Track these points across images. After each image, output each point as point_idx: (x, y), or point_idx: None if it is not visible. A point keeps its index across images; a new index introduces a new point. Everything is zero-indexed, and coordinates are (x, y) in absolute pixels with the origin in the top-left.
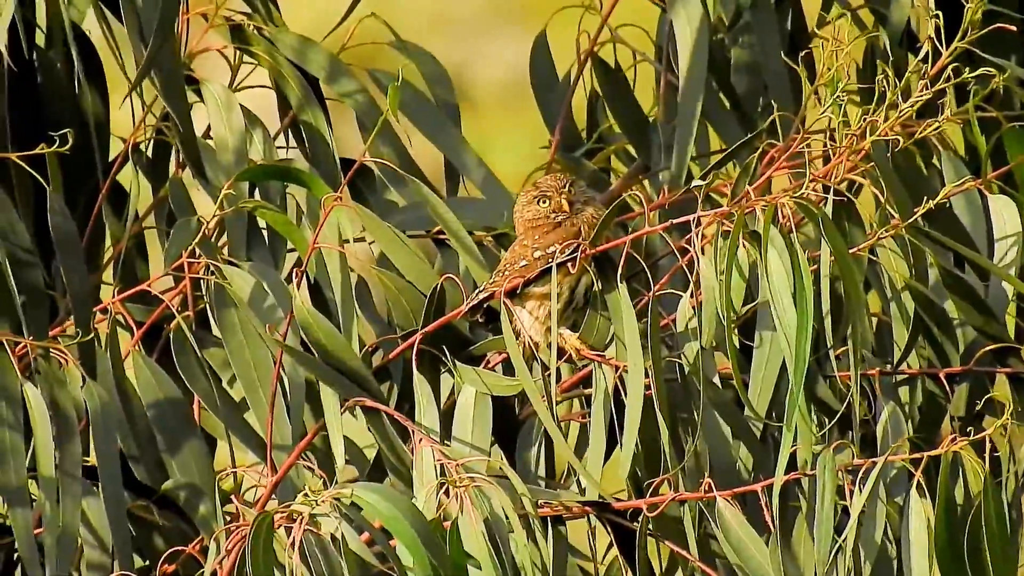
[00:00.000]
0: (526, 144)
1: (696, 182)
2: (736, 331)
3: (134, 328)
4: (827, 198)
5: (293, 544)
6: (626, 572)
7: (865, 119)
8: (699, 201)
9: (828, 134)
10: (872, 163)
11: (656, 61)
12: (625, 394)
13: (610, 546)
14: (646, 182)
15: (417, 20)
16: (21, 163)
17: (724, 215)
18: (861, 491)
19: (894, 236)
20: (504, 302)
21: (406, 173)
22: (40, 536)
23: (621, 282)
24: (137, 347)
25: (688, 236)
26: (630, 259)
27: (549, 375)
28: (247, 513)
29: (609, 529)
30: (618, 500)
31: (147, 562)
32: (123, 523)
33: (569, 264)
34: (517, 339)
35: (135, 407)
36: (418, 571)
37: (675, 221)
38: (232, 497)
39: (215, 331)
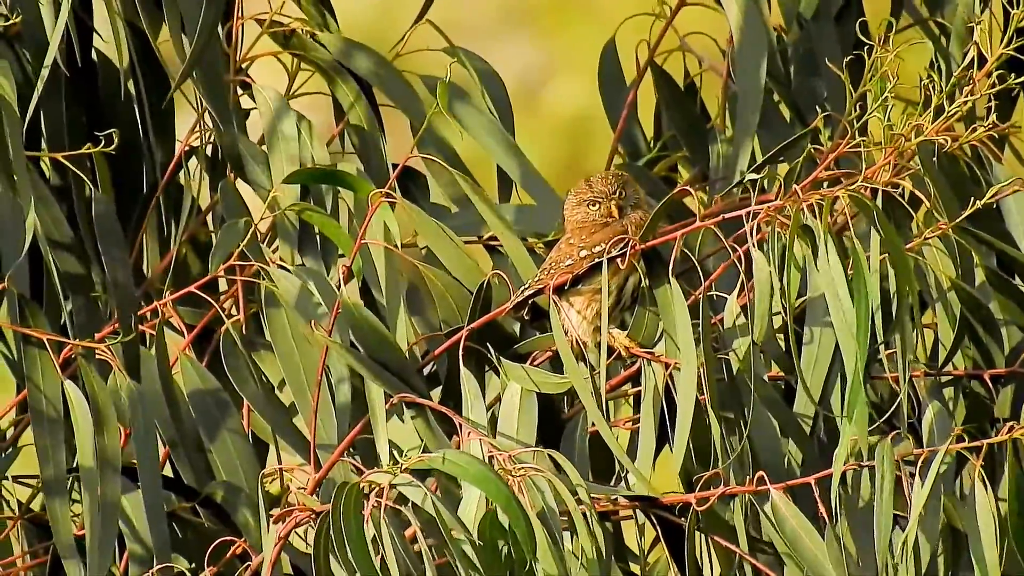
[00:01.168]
0: (533, 149)
1: (749, 175)
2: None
3: (184, 331)
4: (879, 192)
5: (376, 521)
6: (672, 569)
7: (910, 123)
8: (753, 192)
9: (872, 138)
10: (918, 166)
11: (719, 70)
12: (675, 391)
13: (655, 541)
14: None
15: (426, 26)
16: (67, 164)
17: (778, 208)
18: (923, 481)
19: (940, 237)
20: (552, 299)
21: (453, 170)
22: (81, 537)
23: (672, 276)
24: (187, 349)
25: (736, 234)
26: (681, 256)
27: (597, 373)
28: (303, 498)
29: (656, 525)
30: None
31: (192, 564)
32: (162, 523)
33: (618, 260)
34: (565, 338)
35: (182, 409)
36: (514, 527)
37: (727, 215)
38: (289, 486)
39: (267, 334)
